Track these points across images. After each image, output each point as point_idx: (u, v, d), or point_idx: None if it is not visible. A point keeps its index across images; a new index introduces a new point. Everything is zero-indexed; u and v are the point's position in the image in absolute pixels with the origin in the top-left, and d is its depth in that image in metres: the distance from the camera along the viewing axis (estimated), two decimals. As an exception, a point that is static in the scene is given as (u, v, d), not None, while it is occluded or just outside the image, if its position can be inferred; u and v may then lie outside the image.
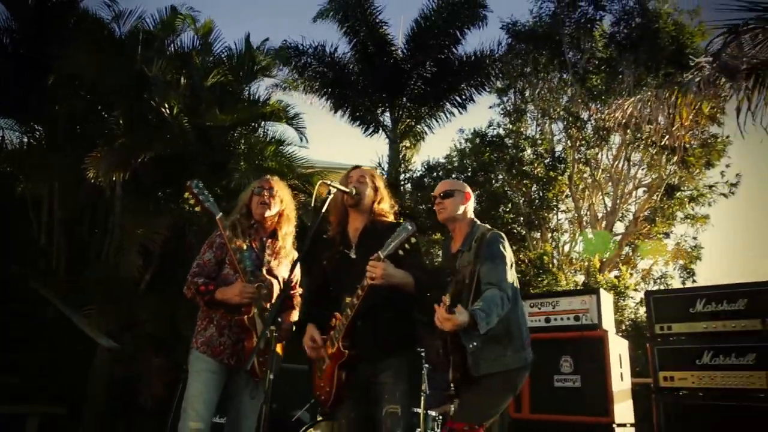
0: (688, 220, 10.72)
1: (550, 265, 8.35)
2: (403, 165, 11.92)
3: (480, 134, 11.63)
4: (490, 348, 2.67)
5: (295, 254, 3.25)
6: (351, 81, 12.83)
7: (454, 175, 11.58)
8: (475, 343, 2.65)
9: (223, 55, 9.04)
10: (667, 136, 7.09)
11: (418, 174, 11.77)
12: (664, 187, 10.35)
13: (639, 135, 9.59)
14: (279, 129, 9.75)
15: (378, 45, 12.45)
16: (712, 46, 6.38)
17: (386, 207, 3.04)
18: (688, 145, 9.23)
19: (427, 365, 4.93)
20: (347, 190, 2.97)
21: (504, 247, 2.75)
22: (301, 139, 9.88)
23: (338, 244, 2.95)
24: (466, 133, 12.32)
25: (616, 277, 9.12)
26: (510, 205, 10.25)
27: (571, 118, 10.43)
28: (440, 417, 5.09)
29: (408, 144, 13.09)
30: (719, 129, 9.97)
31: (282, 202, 3.15)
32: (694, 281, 11.54)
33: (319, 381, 2.78)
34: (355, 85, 12.80)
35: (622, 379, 4.40)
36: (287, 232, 3.19)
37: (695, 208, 10.88)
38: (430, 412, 5.04)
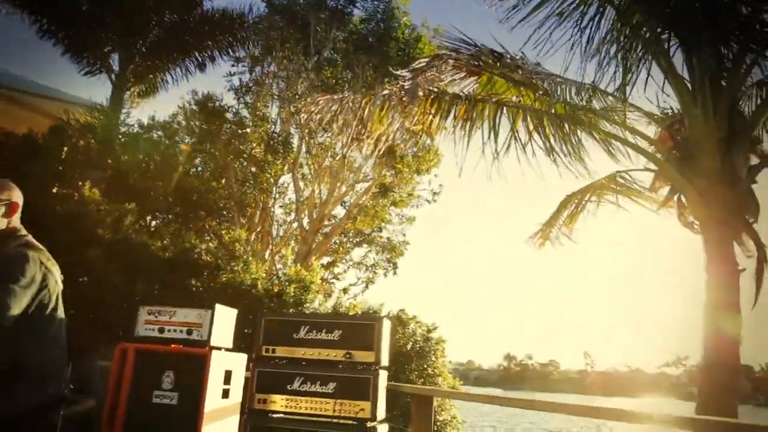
0: (387, 221, 11.63)
1: (243, 253, 8.21)
2: (123, 117, 10.64)
3: (205, 100, 10.86)
4: None
5: None
6: (75, 7, 10.96)
7: (177, 138, 10.74)
8: None
9: None
10: (368, 138, 7.40)
11: (135, 131, 10.62)
12: (377, 186, 11.03)
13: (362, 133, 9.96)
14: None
15: (117, -26, 10.84)
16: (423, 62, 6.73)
17: None
18: (401, 153, 9.88)
19: None
20: None
21: (23, 269, 2.36)
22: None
23: None
24: (199, 95, 11.50)
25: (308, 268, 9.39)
26: (224, 181, 9.87)
27: (301, 105, 10.39)
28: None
29: (138, 92, 11.77)
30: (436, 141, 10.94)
31: None
32: (395, 273, 12.71)
33: None
34: (80, 14, 10.98)
35: (227, 396, 4.32)
36: None
37: (403, 209, 11.88)
38: None
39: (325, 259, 11.74)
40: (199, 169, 9.97)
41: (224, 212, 9.57)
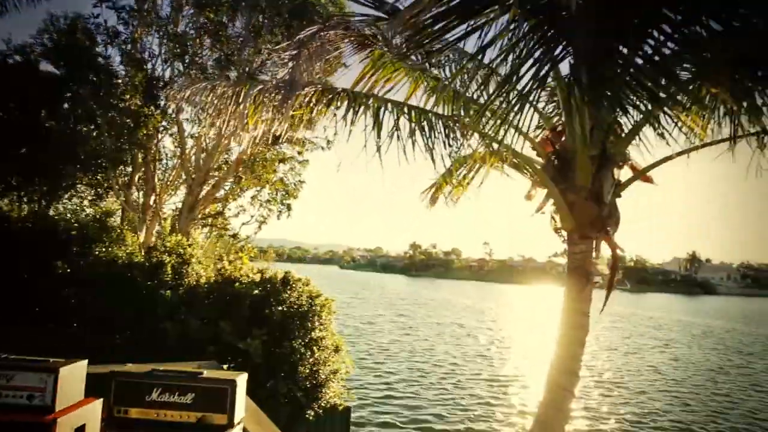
0: (272, 182, 11.21)
1: (118, 225, 7.61)
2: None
3: (70, 27, 9.21)
4: None
5: None
6: None
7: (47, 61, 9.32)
8: None
9: None
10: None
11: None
12: (267, 138, 10.38)
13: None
14: None
15: None
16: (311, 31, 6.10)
17: None
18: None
19: None
20: None
21: None
22: None
23: None
24: (61, 21, 9.86)
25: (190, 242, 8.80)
26: (95, 134, 8.84)
27: (178, 49, 9.30)
28: None
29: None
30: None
31: None
32: (289, 216, 12.56)
33: None
34: None
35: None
36: None
37: (300, 152, 11.47)
38: None
39: (215, 206, 11.25)
40: (66, 112, 8.82)
41: (101, 163, 8.68)
